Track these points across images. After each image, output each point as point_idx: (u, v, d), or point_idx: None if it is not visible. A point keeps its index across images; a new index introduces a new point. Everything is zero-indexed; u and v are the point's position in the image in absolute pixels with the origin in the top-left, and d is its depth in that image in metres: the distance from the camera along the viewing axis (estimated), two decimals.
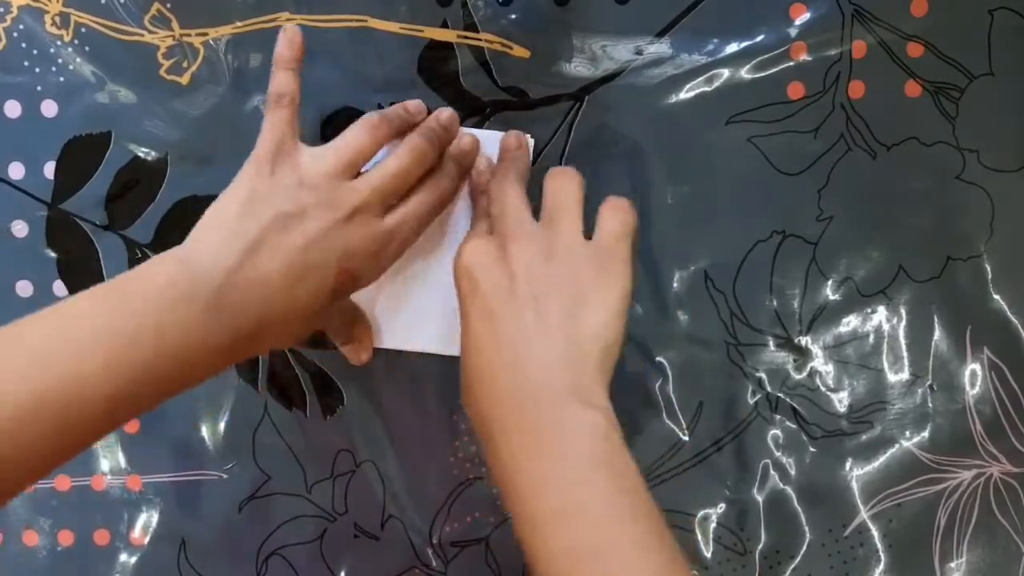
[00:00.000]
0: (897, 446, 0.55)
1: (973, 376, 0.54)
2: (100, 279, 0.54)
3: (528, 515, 0.39)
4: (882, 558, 0.55)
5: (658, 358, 0.55)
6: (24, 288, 0.55)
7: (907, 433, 0.55)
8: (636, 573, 0.37)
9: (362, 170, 0.47)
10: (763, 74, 0.53)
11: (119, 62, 0.53)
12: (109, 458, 0.56)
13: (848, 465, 0.55)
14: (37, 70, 0.53)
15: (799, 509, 0.55)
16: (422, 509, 0.55)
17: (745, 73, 0.53)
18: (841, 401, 0.55)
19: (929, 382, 0.54)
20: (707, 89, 0.53)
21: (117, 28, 0.53)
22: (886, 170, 0.54)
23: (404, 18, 0.53)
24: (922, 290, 0.54)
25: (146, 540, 0.56)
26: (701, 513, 0.55)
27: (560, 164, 0.54)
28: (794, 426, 0.55)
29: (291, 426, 0.55)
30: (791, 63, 0.53)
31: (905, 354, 0.55)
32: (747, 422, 0.55)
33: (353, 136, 0.46)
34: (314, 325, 0.47)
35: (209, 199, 0.54)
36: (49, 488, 0.56)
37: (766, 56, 0.53)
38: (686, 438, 0.55)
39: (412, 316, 0.53)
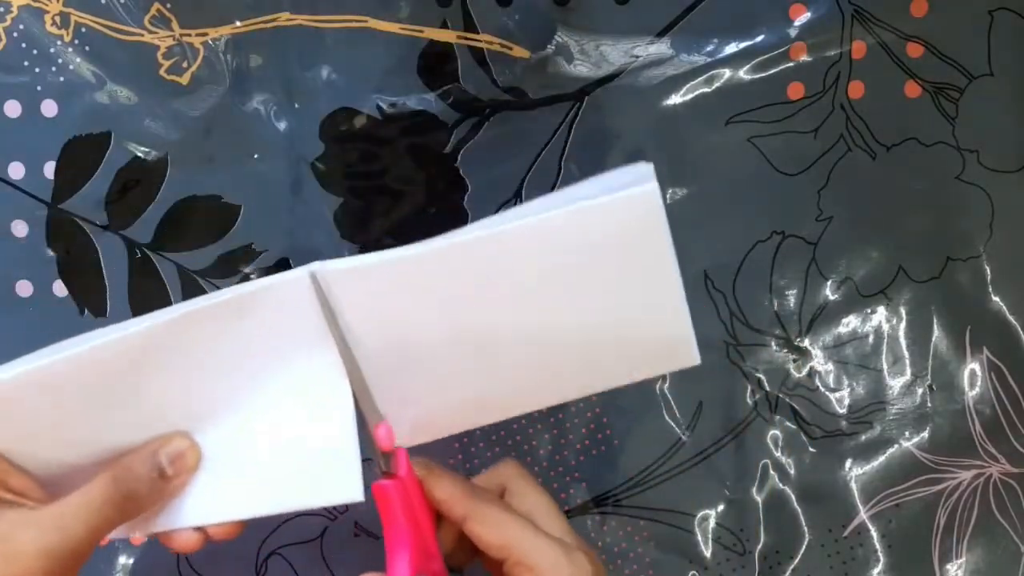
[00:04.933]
0: (896, 446, 0.55)
1: (972, 376, 0.54)
2: (100, 279, 0.54)
3: None
4: (881, 558, 0.55)
5: None
6: (24, 288, 0.55)
7: (906, 433, 0.55)
8: None
9: None
10: (763, 74, 0.53)
11: (119, 62, 0.53)
12: None
13: (847, 465, 0.55)
14: (37, 70, 0.53)
15: (798, 509, 0.55)
16: None
17: (745, 73, 0.53)
18: (840, 401, 0.55)
19: (928, 382, 0.55)
20: (707, 89, 0.53)
21: (117, 28, 0.53)
22: (886, 170, 0.54)
23: (404, 18, 0.53)
24: (922, 290, 0.54)
25: (146, 540, 0.56)
26: (700, 513, 0.55)
27: (560, 165, 0.54)
28: (793, 426, 0.55)
29: None
30: (791, 63, 0.53)
31: (905, 354, 0.55)
32: (746, 422, 0.55)
33: None
34: None
35: (209, 199, 0.54)
36: None
37: (766, 56, 0.53)
38: (686, 438, 0.55)
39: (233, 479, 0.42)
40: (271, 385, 0.40)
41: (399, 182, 0.54)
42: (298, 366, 0.40)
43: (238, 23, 0.53)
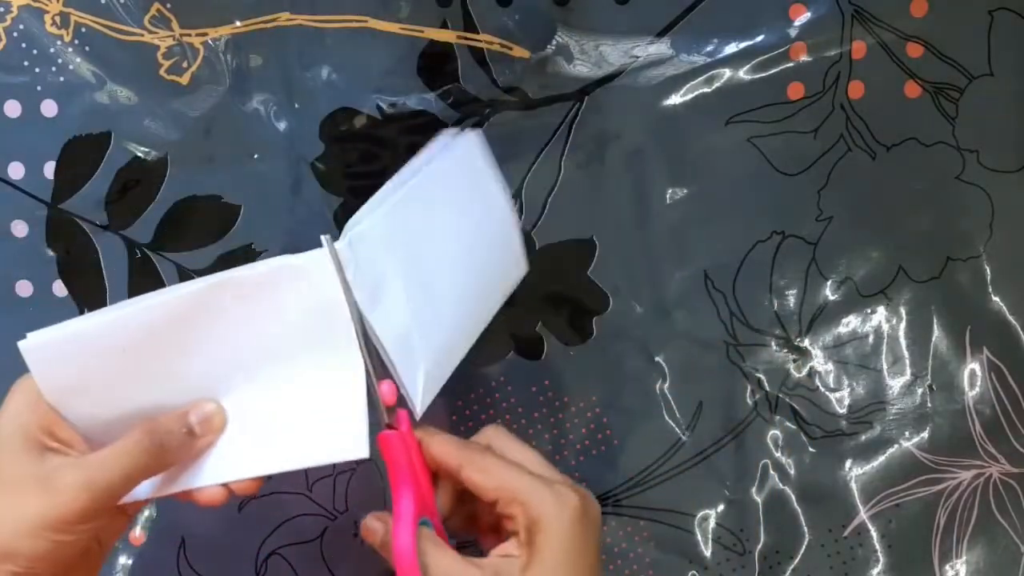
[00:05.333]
0: (896, 446, 0.55)
1: (972, 376, 0.54)
2: (100, 279, 0.54)
3: None
4: (881, 558, 0.55)
5: (657, 358, 0.55)
6: (24, 288, 0.55)
7: (906, 433, 0.55)
8: None
9: None
10: (763, 74, 0.53)
11: (119, 62, 0.53)
12: None
13: (847, 465, 0.55)
14: (37, 70, 0.53)
15: (799, 509, 0.55)
16: None
17: (745, 73, 0.53)
18: (840, 401, 0.55)
19: (928, 382, 0.55)
20: (707, 90, 0.53)
21: (117, 28, 0.53)
22: (886, 170, 0.54)
23: (404, 18, 0.53)
24: (922, 290, 0.54)
25: (145, 540, 0.56)
26: (701, 513, 0.55)
27: (560, 165, 0.54)
28: (793, 426, 0.55)
29: None
30: (791, 63, 0.53)
31: (905, 354, 0.55)
32: (746, 422, 0.55)
33: None
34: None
35: (209, 199, 0.54)
36: None
37: (766, 56, 0.53)
38: (686, 438, 0.55)
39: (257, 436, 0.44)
40: (291, 352, 0.43)
41: None
42: (316, 334, 0.43)
43: (238, 23, 0.53)
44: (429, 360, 0.46)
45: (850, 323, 0.55)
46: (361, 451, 0.42)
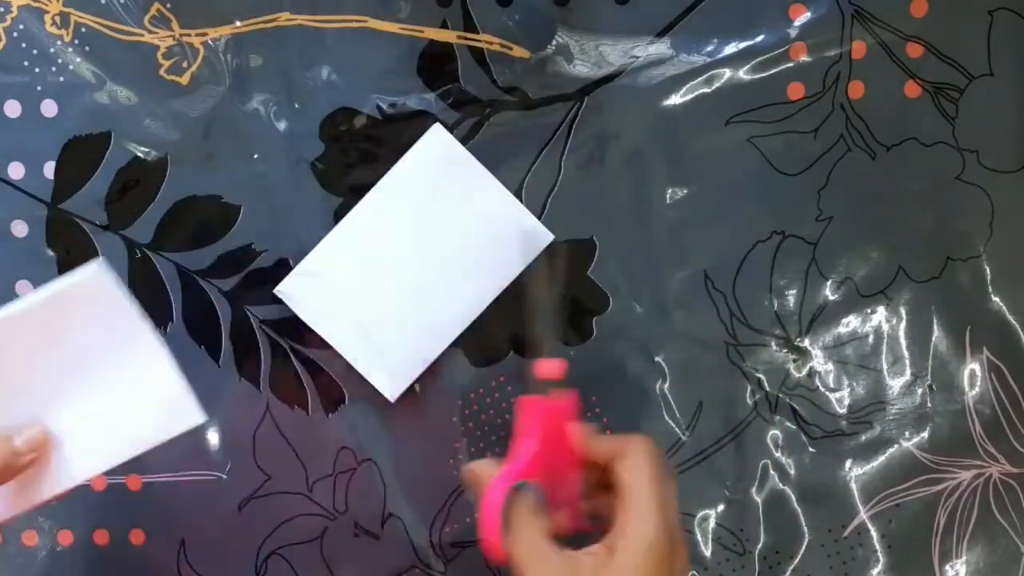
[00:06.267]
0: (896, 446, 0.55)
1: (972, 376, 0.54)
2: None
3: None
4: (881, 558, 0.55)
5: (657, 358, 0.55)
6: (24, 288, 0.55)
7: (906, 433, 0.55)
8: None
9: None
10: (763, 74, 0.53)
11: (119, 62, 0.53)
12: None
13: (847, 465, 0.55)
14: (37, 70, 0.53)
15: (799, 509, 0.55)
16: (422, 509, 0.55)
17: (745, 74, 0.53)
18: (840, 401, 0.55)
19: (928, 382, 0.55)
20: (707, 90, 0.53)
21: (117, 28, 0.53)
22: (886, 170, 0.54)
23: (404, 18, 0.53)
24: (922, 290, 0.54)
25: (145, 540, 0.56)
26: (701, 513, 0.55)
27: (560, 165, 0.54)
28: (793, 426, 0.55)
29: (292, 424, 0.55)
30: (791, 63, 0.53)
31: (905, 354, 0.55)
32: (746, 422, 0.55)
33: None
34: None
35: (209, 199, 0.54)
36: None
37: (766, 56, 0.53)
38: (686, 438, 0.55)
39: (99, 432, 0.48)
40: (103, 358, 0.47)
41: None
42: (117, 338, 0.47)
43: (238, 23, 0.53)
44: (394, 353, 0.52)
45: (850, 323, 0.55)
46: (195, 418, 0.47)
